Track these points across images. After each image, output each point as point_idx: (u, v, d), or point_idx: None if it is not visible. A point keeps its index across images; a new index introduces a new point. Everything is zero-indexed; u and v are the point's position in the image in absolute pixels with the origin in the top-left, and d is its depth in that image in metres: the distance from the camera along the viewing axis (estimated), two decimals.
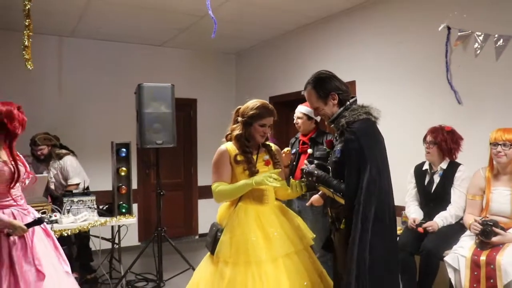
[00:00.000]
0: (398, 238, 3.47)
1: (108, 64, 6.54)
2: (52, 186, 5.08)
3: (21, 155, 3.08)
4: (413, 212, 3.72)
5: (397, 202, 2.65)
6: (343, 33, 5.35)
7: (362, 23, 5.09)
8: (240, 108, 2.97)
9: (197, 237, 7.27)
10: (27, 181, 3.07)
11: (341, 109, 2.56)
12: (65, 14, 5.42)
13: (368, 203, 2.34)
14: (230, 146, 2.90)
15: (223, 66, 7.54)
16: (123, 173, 4.68)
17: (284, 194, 3.04)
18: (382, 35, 4.83)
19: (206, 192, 6.90)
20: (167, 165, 6.43)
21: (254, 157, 2.91)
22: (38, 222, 2.91)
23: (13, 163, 2.89)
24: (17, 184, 2.95)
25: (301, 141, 4.19)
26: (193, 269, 4.79)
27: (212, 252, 2.81)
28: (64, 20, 5.65)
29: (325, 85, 2.57)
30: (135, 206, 5.36)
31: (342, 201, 2.48)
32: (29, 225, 2.84)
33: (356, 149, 2.39)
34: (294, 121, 4.26)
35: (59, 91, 6.18)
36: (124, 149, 4.68)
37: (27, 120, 2.99)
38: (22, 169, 2.98)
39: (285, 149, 3.80)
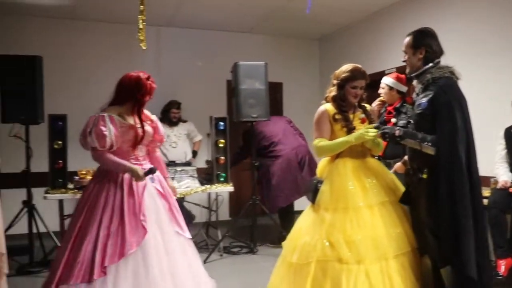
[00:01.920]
0: (489, 197, 3.62)
1: (201, 51, 7.10)
2: (173, 147, 5.83)
3: (157, 121, 3.34)
4: (503, 174, 3.82)
5: (482, 172, 2.78)
6: (426, 12, 5.45)
7: (449, 2, 5.19)
8: (336, 72, 3.24)
9: None
10: (158, 144, 3.36)
11: (429, 65, 2.78)
12: (163, 6, 5.96)
13: (462, 151, 2.57)
14: (328, 106, 3.16)
15: (307, 51, 7.85)
16: (221, 145, 5.13)
17: (377, 150, 3.24)
18: (472, 8, 4.91)
19: None
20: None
21: (351, 116, 3.15)
22: (151, 171, 3.09)
23: (139, 127, 3.12)
24: (140, 146, 3.17)
25: (387, 111, 4.41)
26: (286, 236, 5.14)
27: (313, 201, 3.07)
28: (161, 12, 6.21)
29: (421, 38, 2.83)
30: None
31: (430, 151, 2.68)
32: (145, 173, 3.06)
33: (446, 102, 2.62)
34: (379, 91, 4.50)
35: (158, 74, 6.73)
36: (221, 123, 5.12)
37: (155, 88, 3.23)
38: (150, 130, 3.22)
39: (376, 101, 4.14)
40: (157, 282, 2.84)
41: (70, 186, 4.78)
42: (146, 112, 3.29)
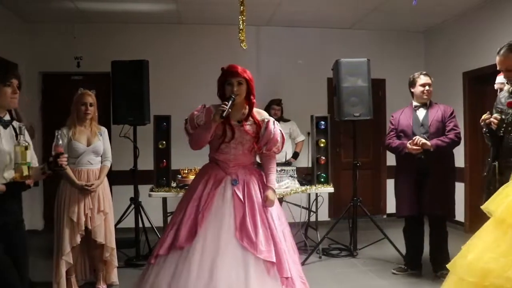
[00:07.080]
0: None
1: (301, 49, 7.02)
2: None
3: (269, 122, 3.10)
4: None
5: None
6: None
7: None
8: None
9: (385, 216, 7.30)
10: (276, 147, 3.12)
11: None
12: (263, 6, 5.95)
13: None
14: None
15: (410, 45, 7.45)
16: (322, 145, 5.00)
17: None
18: None
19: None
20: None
21: None
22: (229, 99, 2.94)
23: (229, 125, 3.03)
24: (226, 145, 3.03)
25: None
26: (388, 239, 4.92)
27: None
28: (261, 12, 6.20)
29: None
30: None
31: None
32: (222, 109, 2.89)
33: None
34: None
35: (258, 74, 6.77)
36: (323, 122, 4.98)
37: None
38: (244, 130, 3.05)
39: None
40: (192, 284, 2.71)
41: (173, 184, 4.92)
42: (257, 111, 3.19)
